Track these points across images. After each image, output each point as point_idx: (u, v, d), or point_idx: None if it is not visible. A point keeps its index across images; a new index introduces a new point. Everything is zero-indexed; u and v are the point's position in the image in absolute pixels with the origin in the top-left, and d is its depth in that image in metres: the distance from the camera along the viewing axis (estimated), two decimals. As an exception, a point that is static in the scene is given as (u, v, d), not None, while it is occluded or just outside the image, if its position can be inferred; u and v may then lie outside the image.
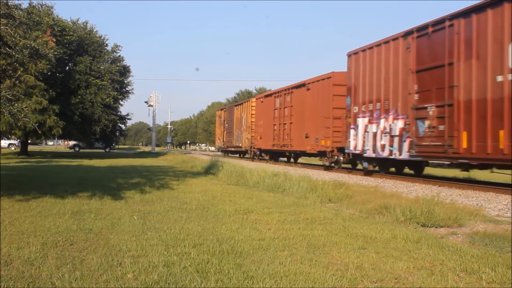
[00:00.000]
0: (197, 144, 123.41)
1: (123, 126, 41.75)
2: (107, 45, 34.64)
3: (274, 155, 26.31)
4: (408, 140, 12.62)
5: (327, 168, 18.53)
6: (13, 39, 7.62)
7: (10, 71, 8.31)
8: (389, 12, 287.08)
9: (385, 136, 13.75)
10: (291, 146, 22.14)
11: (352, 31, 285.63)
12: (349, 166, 18.47)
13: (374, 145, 14.32)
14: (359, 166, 17.31)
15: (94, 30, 33.62)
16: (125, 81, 36.90)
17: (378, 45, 14.39)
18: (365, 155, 14.94)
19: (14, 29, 7.68)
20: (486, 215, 7.11)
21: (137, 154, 43.82)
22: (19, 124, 8.76)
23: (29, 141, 37.34)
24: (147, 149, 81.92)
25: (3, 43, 7.67)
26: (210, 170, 17.12)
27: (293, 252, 4.54)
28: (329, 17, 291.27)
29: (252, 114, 28.86)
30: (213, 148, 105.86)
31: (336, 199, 8.88)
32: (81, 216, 6.49)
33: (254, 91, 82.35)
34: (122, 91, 36.49)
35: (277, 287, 3.47)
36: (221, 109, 39.97)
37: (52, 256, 4.21)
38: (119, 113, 37.25)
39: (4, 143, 50.19)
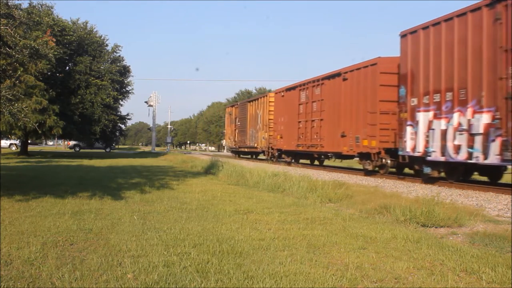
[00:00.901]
0: (197, 144, 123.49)
1: (123, 126, 41.82)
2: (107, 45, 34.71)
3: (297, 157, 23.09)
4: (499, 140, 9.74)
5: (369, 173, 15.62)
6: (13, 39, 7.63)
7: (10, 71, 8.31)
8: (390, 11, 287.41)
9: (461, 134, 10.82)
10: (322, 147, 18.80)
11: (353, 31, 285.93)
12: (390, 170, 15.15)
13: (443, 146, 11.36)
14: (406, 170, 15.14)
15: (94, 30, 33.71)
16: (125, 81, 36.93)
17: (448, 19, 11.41)
18: (428, 158, 11.97)
19: (14, 29, 7.68)
20: (486, 215, 7.12)
21: (137, 154, 43.84)
22: (19, 124, 8.77)
23: (29, 141, 37.35)
24: (147, 149, 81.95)
25: (3, 43, 7.68)
26: (210, 170, 17.12)
27: (293, 252, 4.55)
28: (330, 16, 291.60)
29: (270, 110, 25.31)
30: (212, 148, 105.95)
31: (336, 199, 8.88)
32: (81, 216, 6.49)
33: (254, 91, 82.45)
34: (122, 91, 36.52)
35: (277, 287, 3.47)
36: (232, 106, 35.92)
37: (52, 256, 4.21)
38: (119, 113, 37.28)
39: (5, 143, 50.20)
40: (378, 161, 14.91)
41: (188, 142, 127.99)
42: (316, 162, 23.52)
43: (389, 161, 14.55)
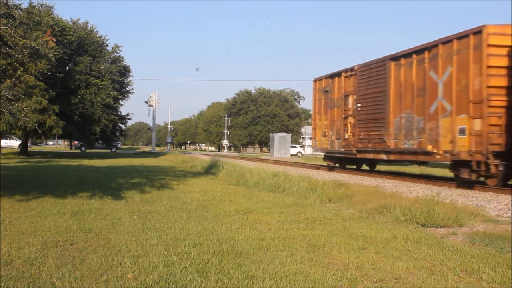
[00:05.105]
0: (197, 144, 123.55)
1: (123, 126, 41.85)
2: (107, 45, 34.75)
3: None
4: None
5: None
6: (13, 39, 7.62)
7: (10, 71, 8.31)
8: (390, 12, 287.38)
9: None
10: None
11: (353, 31, 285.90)
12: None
13: None
14: None
15: (94, 30, 33.75)
16: (125, 81, 36.98)
17: None
18: None
19: (14, 29, 7.68)
20: (486, 215, 7.12)
21: (137, 154, 43.84)
22: (19, 124, 8.76)
23: (29, 141, 37.37)
24: (147, 149, 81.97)
25: (3, 43, 7.67)
26: (210, 170, 17.12)
27: (293, 252, 4.54)
28: (329, 16, 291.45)
29: (489, 67, 10.75)
30: (212, 148, 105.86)
31: (336, 199, 8.88)
32: (81, 216, 6.49)
33: (254, 91, 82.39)
34: (122, 91, 36.55)
35: (277, 287, 3.47)
36: (331, 76, 18.36)
37: (52, 256, 4.21)
38: (119, 113, 37.30)
39: (5, 143, 50.13)
40: None
41: (188, 142, 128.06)
42: None
43: None
